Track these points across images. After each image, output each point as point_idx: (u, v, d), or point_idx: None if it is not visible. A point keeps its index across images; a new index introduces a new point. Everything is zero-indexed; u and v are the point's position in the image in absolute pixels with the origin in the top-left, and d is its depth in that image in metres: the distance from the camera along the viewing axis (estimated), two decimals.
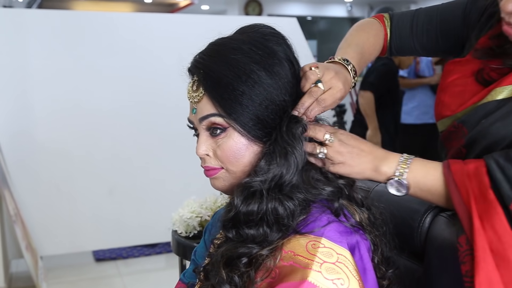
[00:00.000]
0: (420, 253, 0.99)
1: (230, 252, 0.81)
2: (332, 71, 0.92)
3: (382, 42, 1.23)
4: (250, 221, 0.82)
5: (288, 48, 0.90)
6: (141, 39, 3.49)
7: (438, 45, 1.21)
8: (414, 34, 1.22)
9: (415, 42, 1.23)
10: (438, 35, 1.19)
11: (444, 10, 1.19)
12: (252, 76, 0.84)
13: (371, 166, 0.89)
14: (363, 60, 1.13)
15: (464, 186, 0.84)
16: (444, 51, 1.23)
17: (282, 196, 0.83)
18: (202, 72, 0.87)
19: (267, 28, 0.90)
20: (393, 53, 1.27)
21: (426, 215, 0.97)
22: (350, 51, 1.10)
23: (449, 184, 0.86)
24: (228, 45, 0.87)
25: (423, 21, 1.21)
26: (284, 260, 0.77)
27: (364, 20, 1.28)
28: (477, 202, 0.82)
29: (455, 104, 1.02)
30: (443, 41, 1.19)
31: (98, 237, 3.49)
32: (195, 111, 0.89)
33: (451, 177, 0.86)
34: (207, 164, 0.89)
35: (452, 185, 0.85)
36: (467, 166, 0.86)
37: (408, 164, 0.88)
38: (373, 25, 1.23)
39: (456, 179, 0.85)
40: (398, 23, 1.24)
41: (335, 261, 0.76)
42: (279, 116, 0.86)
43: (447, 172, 0.87)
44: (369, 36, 1.19)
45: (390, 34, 1.24)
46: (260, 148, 0.86)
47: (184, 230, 1.83)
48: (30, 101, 3.26)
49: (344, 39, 1.18)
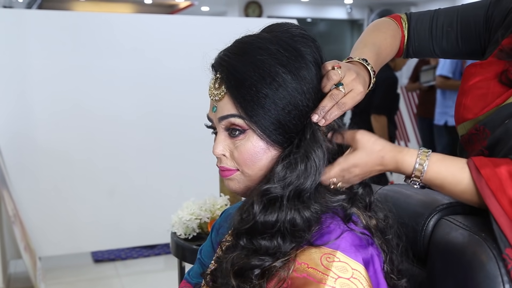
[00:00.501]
0: (423, 257, 0.98)
1: (242, 262, 0.79)
2: (354, 73, 0.90)
3: (399, 44, 1.20)
4: (267, 232, 0.79)
5: (317, 51, 0.87)
6: (141, 40, 3.48)
7: (458, 48, 1.17)
8: (434, 37, 1.18)
9: (434, 45, 1.19)
10: (458, 37, 1.16)
11: (465, 11, 1.15)
12: (277, 79, 0.81)
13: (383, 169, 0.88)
14: (380, 61, 1.10)
15: (504, 195, 0.81)
16: (464, 54, 1.20)
17: (301, 205, 0.80)
18: (226, 70, 0.84)
19: (297, 29, 0.87)
20: (410, 55, 1.23)
21: (429, 218, 0.97)
22: (367, 51, 1.07)
23: (483, 191, 0.83)
24: (255, 44, 0.84)
25: (443, 23, 1.17)
26: (297, 271, 0.76)
27: (380, 19, 1.23)
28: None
29: (477, 107, 0.99)
30: (464, 44, 1.16)
31: (97, 238, 3.48)
32: (215, 109, 0.86)
33: (484, 183, 0.83)
34: (223, 164, 0.87)
35: (487, 192, 0.82)
36: (499, 169, 0.83)
37: (426, 163, 0.86)
38: (390, 25, 1.19)
39: (492, 187, 0.82)
40: (417, 25, 1.20)
41: (350, 276, 0.74)
42: (301, 122, 0.84)
43: (477, 177, 0.83)
44: (386, 36, 1.16)
45: (407, 36, 1.20)
46: (278, 153, 0.84)
47: (183, 232, 1.82)
48: (29, 102, 3.25)
49: (360, 39, 1.14)
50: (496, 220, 0.81)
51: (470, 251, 0.83)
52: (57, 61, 3.28)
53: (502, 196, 0.81)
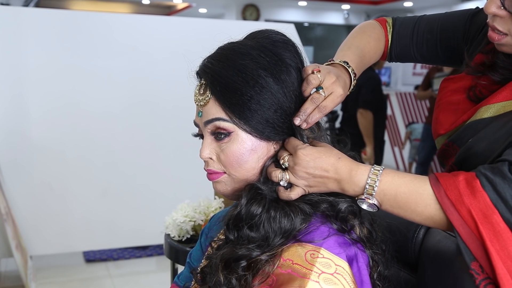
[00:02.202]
0: (414, 263, 0.99)
1: (230, 254, 0.82)
2: (334, 76, 0.91)
3: (383, 47, 1.21)
4: (252, 222, 0.83)
5: (297, 56, 0.89)
6: (138, 40, 3.48)
7: (437, 55, 1.19)
8: (414, 43, 1.20)
9: (415, 51, 1.21)
10: (438, 45, 1.17)
11: (446, 21, 1.16)
12: (259, 81, 0.84)
13: (337, 188, 0.85)
14: (363, 63, 1.11)
15: (463, 204, 0.79)
16: (444, 61, 1.22)
17: (288, 207, 0.83)
18: (210, 76, 0.87)
19: (277, 35, 0.90)
20: (393, 59, 1.25)
21: (421, 226, 0.98)
22: (350, 53, 1.08)
23: (443, 201, 0.80)
24: (237, 50, 0.87)
25: (424, 29, 1.19)
26: (282, 268, 0.77)
27: (366, 22, 1.24)
28: (482, 224, 0.77)
29: (448, 123, 1.01)
30: (443, 52, 1.17)
31: (89, 238, 3.47)
32: (201, 114, 0.89)
33: (443, 193, 0.80)
34: (210, 167, 0.89)
35: (447, 202, 0.80)
36: (457, 178, 0.81)
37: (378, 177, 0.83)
38: (374, 29, 1.21)
39: (451, 197, 0.79)
40: (400, 30, 1.21)
41: (333, 272, 0.76)
42: (288, 120, 0.86)
43: (436, 185, 0.81)
44: (370, 39, 1.17)
45: (391, 40, 1.22)
46: (265, 153, 0.87)
47: (177, 234, 1.82)
48: (24, 100, 3.24)
49: (345, 41, 1.16)
50: (458, 233, 0.79)
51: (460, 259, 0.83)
52: (53, 60, 3.27)
53: (461, 205, 0.79)
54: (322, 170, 0.83)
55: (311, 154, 0.83)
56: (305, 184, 0.84)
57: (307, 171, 0.83)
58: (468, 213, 0.78)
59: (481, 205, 0.78)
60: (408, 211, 0.83)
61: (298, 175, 0.83)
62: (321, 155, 0.83)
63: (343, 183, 0.83)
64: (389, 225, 0.94)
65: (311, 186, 0.84)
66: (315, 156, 0.83)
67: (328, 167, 0.83)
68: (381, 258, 0.87)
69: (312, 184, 0.84)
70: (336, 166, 0.83)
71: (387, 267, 0.88)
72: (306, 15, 10.57)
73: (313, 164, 0.83)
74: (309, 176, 0.83)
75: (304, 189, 0.84)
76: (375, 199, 0.82)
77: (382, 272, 0.86)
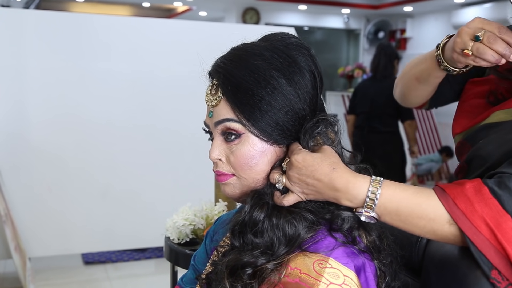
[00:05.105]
0: (418, 268, 0.98)
1: (235, 261, 0.81)
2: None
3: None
4: (256, 229, 0.82)
5: (310, 59, 0.89)
6: (138, 43, 3.48)
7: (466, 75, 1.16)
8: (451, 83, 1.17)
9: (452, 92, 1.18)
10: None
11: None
12: (271, 82, 0.83)
13: (332, 199, 0.82)
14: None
15: (475, 212, 0.77)
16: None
17: (291, 215, 0.82)
18: (222, 76, 0.86)
19: (291, 38, 0.90)
20: (432, 106, 1.25)
21: None
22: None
23: (452, 211, 0.78)
24: (250, 51, 0.87)
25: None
26: (290, 277, 0.76)
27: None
28: (499, 230, 0.76)
29: (464, 123, 1.03)
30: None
31: (88, 240, 3.47)
32: (212, 114, 0.88)
33: (451, 202, 0.79)
34: (219, 169, 0.88)
35: (457, 212, 0.78)
36: (464, 187, 0.79)
37: (379, 190, 0.80)
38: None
39: (461, 206, 0.78)
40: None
41: (342, 282, 0.75)
42: (298, 123, 0.86)
43: (443, 196, 0.79)
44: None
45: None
46: (274, 157, 0.86)
47: (176, 237, 1.82)
48: (24, 103, 3.24)
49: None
50: (472, 242, 0.77)
51: (465, 264, 0.83)
52: (53, 62, 3.27)
53: (473, 214, 0.77)
54: (314, 179, 0.81)
55: (304, 160, 0.81)
56: (300, 191, 0.82)
57: (300, 178, 0.81)
58: (482, 220, 0.77)
59: (493, 211, 0.77)
60: (410, 225, 0.82)
61: (292, 180, 0.82)
62: (314, 163, 0.81)
63: (339, 194, 0.80)
64: (392, 229, 0.94)
65: (307, 193, 0.82)
66: (308, 163, 0.81)
67: (321, 177, 0.80)
68: (388, 269, 0.85)
69: (307, 192, 0.82)
70: (330, 176, 0.80)
71: (395, 278, 0.87)
72: (306, 19, 10.57)
73: (305, 172, 0.81)
74: (303, 183, 0.81)
75: (300, 196, 0.83)
76: (375, 213, 0.81)
77: (390, 283, 0.85)
